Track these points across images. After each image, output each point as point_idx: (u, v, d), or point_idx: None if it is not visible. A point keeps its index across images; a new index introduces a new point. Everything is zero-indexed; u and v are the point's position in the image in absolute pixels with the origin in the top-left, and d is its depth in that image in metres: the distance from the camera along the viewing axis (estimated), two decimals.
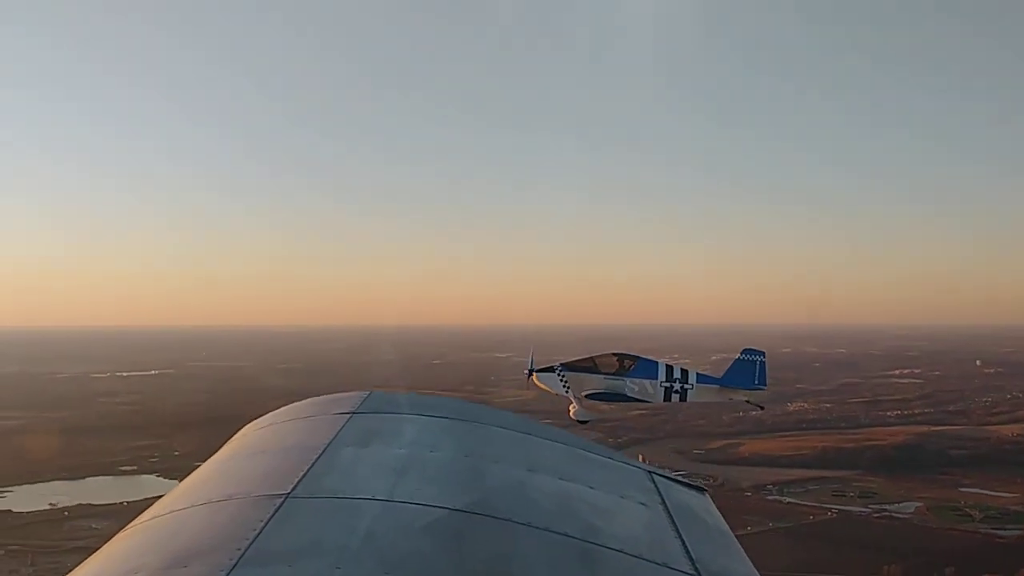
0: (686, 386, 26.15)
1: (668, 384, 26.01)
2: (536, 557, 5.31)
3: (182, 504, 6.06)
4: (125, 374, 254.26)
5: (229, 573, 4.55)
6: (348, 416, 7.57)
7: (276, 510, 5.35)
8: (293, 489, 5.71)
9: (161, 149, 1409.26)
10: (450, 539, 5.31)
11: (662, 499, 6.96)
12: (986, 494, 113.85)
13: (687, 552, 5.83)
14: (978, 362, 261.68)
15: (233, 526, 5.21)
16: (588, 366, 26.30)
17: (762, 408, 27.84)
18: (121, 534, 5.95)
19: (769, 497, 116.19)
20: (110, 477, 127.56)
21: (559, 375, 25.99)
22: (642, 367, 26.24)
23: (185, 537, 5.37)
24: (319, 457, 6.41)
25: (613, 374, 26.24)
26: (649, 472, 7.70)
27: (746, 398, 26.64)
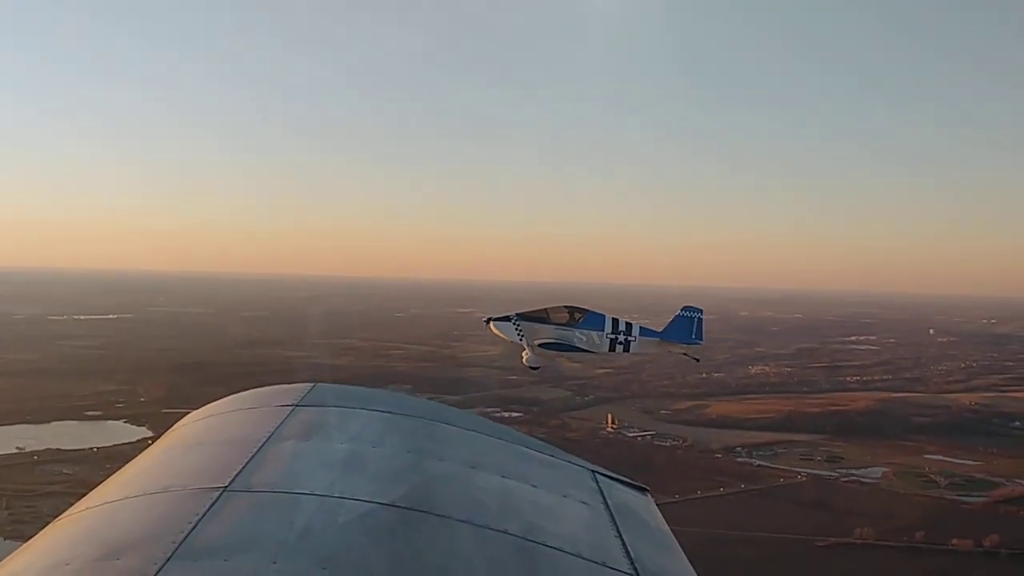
0: (629, 338, 27.48)
1: (613, 336, 27.33)
2: (475, 554, 5.29)
3: (117, 495, 5.94)
4: (83, 317, 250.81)
5: (162, 567, 4.49)
6: (290, 409, 7.44)
7: (213, 503, 5.28)
8: (231, 483, 5.63)
9: (130, 87, 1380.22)
10: (389, 535, 5.28)
11: (604, 498, 6.98)
12: (950, 461, 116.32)
13: (627, 552, 5.87)
14: (931, 331, 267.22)
15: (168, 519, 5.13)
16: (541, 316, 27.61)
17: (697, 360, 29.51)
18: (53, 524, 5.81)
19: (739, 459, 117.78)
20: (76, 422, 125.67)
21: (514, 324, 27.29)
22: (590, 320, 27.60)
23: (119, 529, 5.29)
24: (258, 450, 6.34)
25: (564, 325, 27.58)
26: (592, 471, 7.70)
27: (683, 351, 28.21)
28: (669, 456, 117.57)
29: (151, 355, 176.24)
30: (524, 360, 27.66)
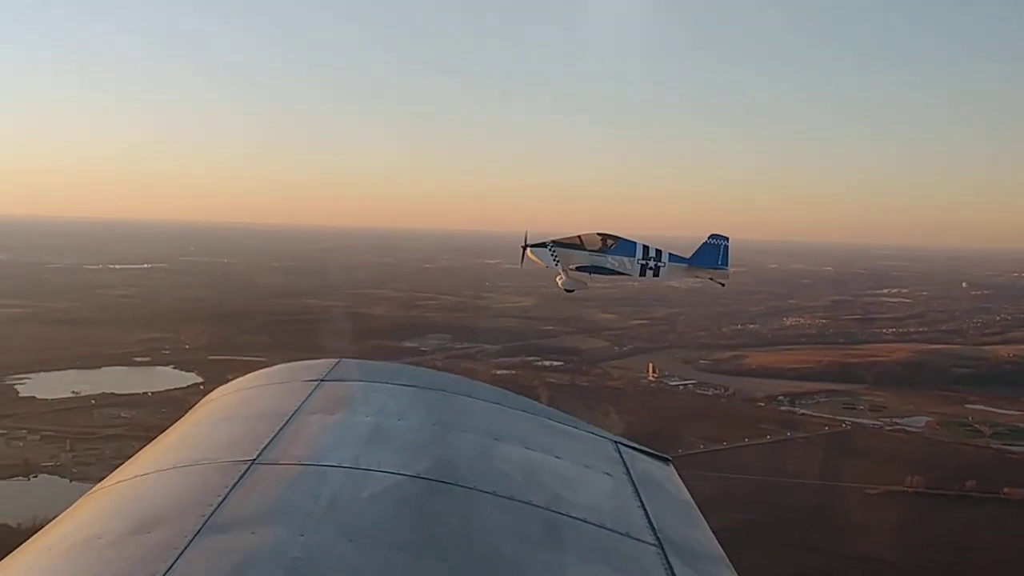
0: (659, 264, 28.51)
1: (644, 261, 28.39)
2: (500, 526, 5.38)
3: (147, 468, 6.08)
4: (118, 266, 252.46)
5: (192, 539, 4.61)
6: (316, 383, 7.60)
7: (241, 476, 5.38)
8: (259, 456, 5.74)
9: (148, 42, 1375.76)
10: (415, 507, 5.37)
11: (627, 469, 7.08)
12: (992, 411, 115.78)
13: (649, 522, 5.96)
14: (964, 284, 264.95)
15: (198, 492, 5.24)
16: (575, 243, 28.69)
17: (723, 285, 30.33)
18: (85, 497, 5.95)
19: (782, 408, 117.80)
20: (125, 368, 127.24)
21: (550, 250, 28.34)
22: (622, 246, 28.73)
23: (149, 502, 5.41)
24: (286, 424, 6.45)
25: (597, 251, 28.69)
26: (615, 442, 7.79)
27: (710, 276, 29.26)
28: (712, 404, 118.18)
29: (189, 304, 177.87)
30: (559, 283, 28.84)
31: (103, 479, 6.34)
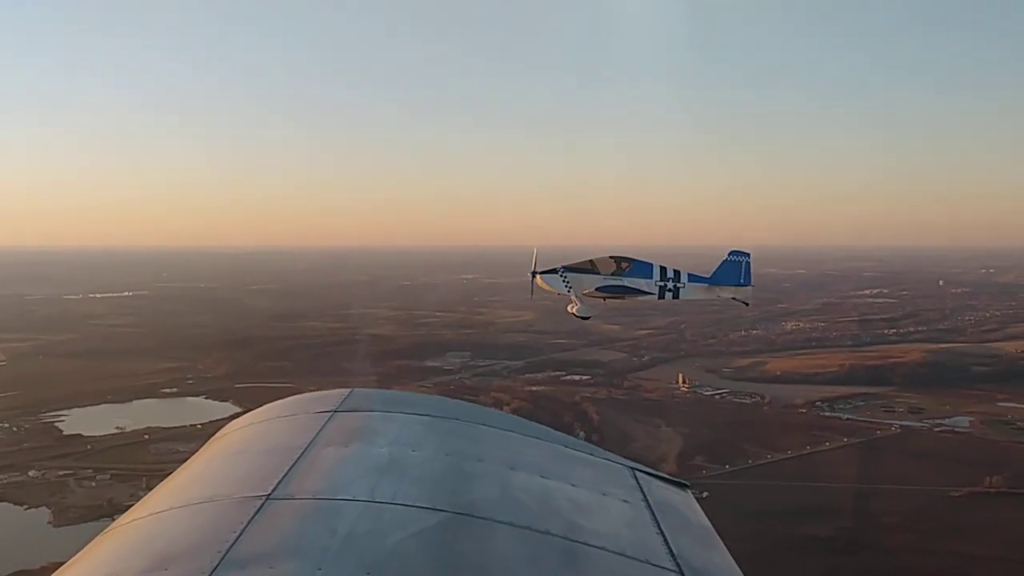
0: (678, 284, 27.68)
1: (662, 283, 27.48)
2: (517, 556, 5.36)
3: (163, 506, 6.07)
4: (100, 296, 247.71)
5: None
6: (329, 415, 7.56)
7: (256, 512, 5.39)
8: (273, 490, 5.74)
9: (112, 70, 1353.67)
10: (431, 539, 5.36)
11: (644, 496, 7.05)
12: None
13: (669, 549, 5.94)
14: (941, 282, 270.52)
15: (214, 528, 5.23)
16: (587, 268, 27.64)
17: (747, 304, 29.16)
18: (102, 536, 5.92)
19: (824, 414, 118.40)
20: (156, 400, 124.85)
21: (562, 276, 27.34)
22: (637, 268, 27.73)
23: (166, 540, 5.40)
24: (300, 457, 6.43)
25: (611, 275, 27.72)
26: (632, 469, 7.77)
27: (732, 295, 28.24)
28: (756, 413, 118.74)
29: (191, 331, 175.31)
30: (574, 311, 27.90)
31: (118, 518, 6.30)
